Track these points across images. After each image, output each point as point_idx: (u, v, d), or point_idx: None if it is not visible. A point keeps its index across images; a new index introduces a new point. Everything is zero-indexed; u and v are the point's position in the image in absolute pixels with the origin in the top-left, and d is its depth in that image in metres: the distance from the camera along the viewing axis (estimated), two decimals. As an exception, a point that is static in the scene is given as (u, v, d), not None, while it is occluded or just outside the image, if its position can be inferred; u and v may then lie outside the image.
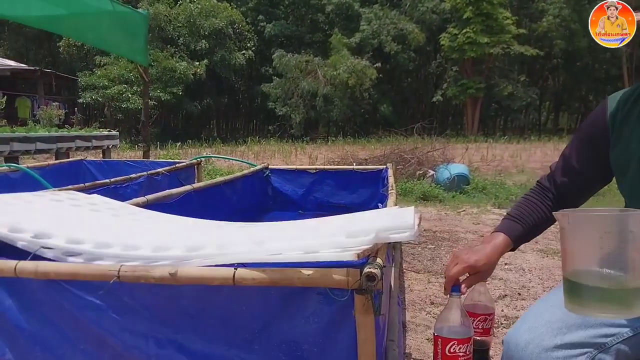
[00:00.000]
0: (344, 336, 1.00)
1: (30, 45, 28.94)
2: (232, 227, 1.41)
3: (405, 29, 26.17)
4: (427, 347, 1.96)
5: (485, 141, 19.15)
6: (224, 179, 3.04)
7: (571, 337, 1.01)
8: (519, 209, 1.30)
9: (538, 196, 1.31)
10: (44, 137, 7.30)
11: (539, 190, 1.33)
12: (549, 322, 1.05)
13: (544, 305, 1.13)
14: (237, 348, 1.01)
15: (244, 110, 33.72)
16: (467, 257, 1.20)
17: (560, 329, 1.02)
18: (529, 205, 1.30)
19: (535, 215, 1.27)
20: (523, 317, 1.14)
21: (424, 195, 6.00)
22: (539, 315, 1.09)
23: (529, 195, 1.34)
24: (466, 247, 1.23)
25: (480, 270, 1.20)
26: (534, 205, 1.30)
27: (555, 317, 1.05)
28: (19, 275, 0.97)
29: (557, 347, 1.01)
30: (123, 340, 1.01)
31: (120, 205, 1.64)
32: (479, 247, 1.25)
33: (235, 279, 0.92)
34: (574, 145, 1.30)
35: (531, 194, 1.34)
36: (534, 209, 1.29)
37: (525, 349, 1.04)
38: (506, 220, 1.29)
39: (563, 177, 1.29)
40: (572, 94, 32.51)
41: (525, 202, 1.32)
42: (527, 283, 2.85)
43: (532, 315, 1.12)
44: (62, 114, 15.61)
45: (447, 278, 1.22)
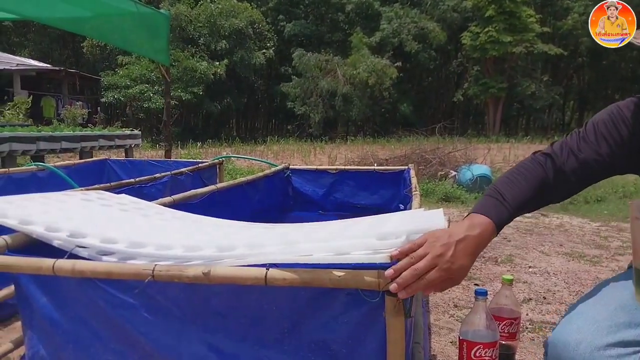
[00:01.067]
0: (373, 337, 1.00)
1: (55, 45, 29.53)
2: (259, 227, 1.42)
3: (426, 28, 25.99)
4: (451, 350, 1.95)
5: (507, 141, 18.91)
6: (246, 179, 3.06)
7: (622, 335, 1.00)
8: (510, 184, 1.10)
9: (534, 172, 1.13)
10: (69, 136, 7.44)
11: (537, 164, 1.15)
12: (597, 321, 1.04)
13: (588, 305, 1.11)
14: (267, 348, 1.01)
15: (263, 109, 33.89)
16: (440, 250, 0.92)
17: (611, 327, 1.01)
18: (521, 182, 1.10)
19: (526, 195, 1.09)
20: (568, 318, 1.12)
21: (446, 196, 5.95)
22: (585, 315, 1.08)
23: (523, 170, 1.14)
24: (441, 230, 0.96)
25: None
26: (528, 181, 1.10)
27: (603, 316, 1.04)
28: (57, 273, 0.99)
29: (610, 346, 1.00)
30: (154, 339, 1.02)
31: (147, 204, 1.67)
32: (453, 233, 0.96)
33: (267, 279, 0.93)
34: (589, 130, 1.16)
35: (525, 168, 1.15)
36: (527, 188, 1.09)
37: (576, 348, 1.03)
38: (491, 199, 1.07)
39: (580, 154, 1.12)
40: (597, 93, 31.88)
41: (518, 176, 1.12)
42: (552, 287, 2.80)
43: (578, 316, 1.10)
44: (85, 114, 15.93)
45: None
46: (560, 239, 3.96)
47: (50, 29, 27.01)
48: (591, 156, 1.13)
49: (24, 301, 1.10)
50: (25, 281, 1.08)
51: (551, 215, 5.06)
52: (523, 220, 4.79)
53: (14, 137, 6.25)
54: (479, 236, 0.98)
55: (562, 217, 4.98)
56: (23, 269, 1.04)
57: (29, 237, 1.13)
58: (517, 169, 1.16)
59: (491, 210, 1.03)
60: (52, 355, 1.10)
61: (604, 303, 1.06)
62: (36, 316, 1.09)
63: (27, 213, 1.19)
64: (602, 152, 1.13)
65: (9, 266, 1.03)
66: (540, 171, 1.13)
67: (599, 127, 1.16)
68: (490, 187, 1.13)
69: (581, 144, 1.15)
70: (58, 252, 1.08)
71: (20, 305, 1.12)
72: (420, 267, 0.89)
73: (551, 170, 1.14)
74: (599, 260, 3.43)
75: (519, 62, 26.69)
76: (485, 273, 3.03)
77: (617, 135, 1.13)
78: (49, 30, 27.47)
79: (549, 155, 1.16)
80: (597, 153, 1.13)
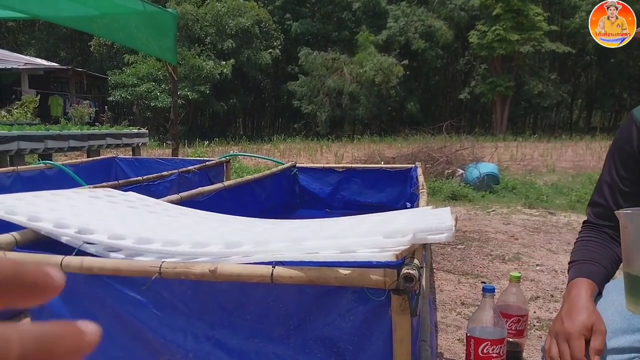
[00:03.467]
0: (379, 335, 1.00)
1: (62, 44, 29.67)
2: (266, 224, 1.43)
3: (433, 26, 25.92)
4: (458, 347, 1.94)
5: (514, 140, 18.83)
6: (254, 177, 3.07)
7: (618, 341, 0.99)
8: (587, 251, 1.13)
9: (597, 233, 1.15)
10: (77, 134, 7.48)
11: (595, 228, 1.18)
12: None
13: None
14: (273, 345, 1.02)
15: (269, 108, 33.92)
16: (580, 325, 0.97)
17: (607, 334, 1.00)
18: (592, 245, 1.13)
19: (606, 252, 1.11)
20: None
21: (453, 194, 5.93)
22: None
23: (587, 236, 1.17)
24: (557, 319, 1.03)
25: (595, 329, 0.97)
26: (598, 243, 1.13)
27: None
28: (65, 270, 0.99)
29: (606, 352, 0.98)
30: (162, 335, 1.03)
31: (155, 202, 1.68)
32: (575, 305, 1.01)
33: (273, 277, 0.93)
34: (613, 167, 1.17)
35: (588, 234, 1.17)
36: (600, 247, 1.12)
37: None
38: (579, 265, 1.10)
39: (615, 204, 1.13)
40: (605, 91, 31.64)
41: (587, 243, 1.15)
42: (560, 285, 2.79)
43: None
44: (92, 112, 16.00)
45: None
46: (567, 237, 3.94)
47: (58, 28, 27.14)
48: (624, 188, 1.14)
49: (33, 297, 1.11)
50: (34, 277, 1.09)
51: (559, 213, 5.03)
52: (530, 218, 4.77)
53: (22, 135, 6.29)
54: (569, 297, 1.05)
55: (570, 215, 4.95)
56: (32, 266, 1.04)
57: (37, 234, 1.14)
58: (579, 241, 1.19)
59: (578, 272, 1.08)
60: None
61: (601, 308, 1.05)
62: (45, 313, 1.10)
63: (35, 210, 1.20)
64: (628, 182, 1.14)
65: (18, 262, 1.04)
66: (598, 232, 1.16)
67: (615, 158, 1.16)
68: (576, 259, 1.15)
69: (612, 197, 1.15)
70: (66, 248, 1.09)
71: (29, 302, 1.13)
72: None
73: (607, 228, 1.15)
74: (607, 259, 3.41)
75: (527, 61, 26.54)
76: (492, 271, 3.02)
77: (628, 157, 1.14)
78: (57, 29, 27.61)
79: (595, 223, 1.18)
80: (625, 185, 1.14)
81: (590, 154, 12.87)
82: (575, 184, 7.09)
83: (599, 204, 1.19)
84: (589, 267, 1.08)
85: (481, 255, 3.39)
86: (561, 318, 1.01)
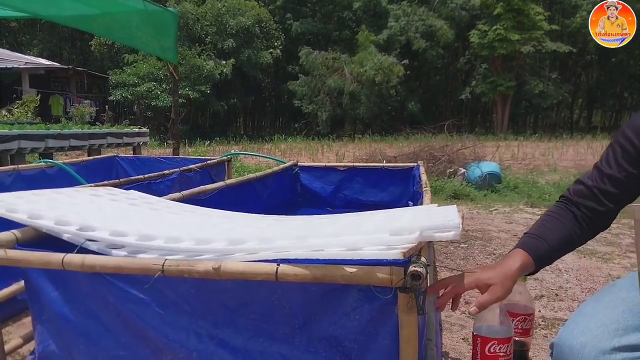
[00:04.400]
0: (385, 334, 0.98)
1: (63, 44, 29.67)
2: (269, 220, 1.41)
3: (434, 26, 25.90)
4: (462, 346, 1.93)
5: (515, 139, 18.81)
6: (255, 175, 3.05)
7: (629, 339, 0.97)
8: (542, 226, 1.16)
9: (564, 212, 1.18)
10: (77, 134, 7.48)
11: (565, 205, 1.19)
12: (603, 323, 1.01)
13: (595, 307, 1.09)
14: (277, 344, 1.00)
15: (270, 107, 33.91)
16: (478, 273, 1.06)
17: (617, 331, 0.99)
18: (553, 222, 1.16)
19: (560, 233, 1.13)
20: (573, 319, 1.10)
21: (455, 193, 5.92)
22: (591, 317, 1.05)
23: (553, 212, 1.20)
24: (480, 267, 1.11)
25: (493, 289, 1.03)
26: (559, 221, 1.16)
27: (610, 319, 1.01)
28: (66, 268, 0.98)
29: (615, 350, 0.97)
30: (164, 334, 1.02)
31: (156, 199, 1.66)
32: (494, 264, 1.12)
33: (278, 275, 0.92)
34: (612, 154, 1.17)
35: (555, 210, 1.20)
36: (559, 226, 1.15)
37: (581, 351, 1.00)
38: (526, 237, 1.15)
39: (601, 186, 1.14)
40: (606, 91, 31.62)
41: (548, 218, 1.18)
42: (564, 284, 2.77)
43: (583, 317, 1.07)
44: (93, 112, 16.00)
45: (448, 291, 1.05)
46: (570, 236, 3.93)
47: (59, 28, 27.15)
48: (615, 174, 1.13)
49: (34, 296, 1.09)
50: (35, 276, 1.07)
51: (561, 213, 5.02)
52: (533, 217, 4.75)
53: (23, 134, 6.28)
54: (503, 259, 1.13)
55: (572, 215, 4.94)
56: (32, 264, 1.03)
57: (38, 232, 1.13)
58: (545, 213, 1.22)
59: (521, 243, 1.14)
60: (62, 350, 1.09)
61: (612, 305, 1.03)
62: (46, 311, 1.09)
63: (36, 208, 1.19)
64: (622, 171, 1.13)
65: (19, 260, 1.03)
66: (567, 210, 1.18)
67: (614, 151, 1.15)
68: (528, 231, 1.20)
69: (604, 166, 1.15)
70: (68, 245, 1.08)
71: (30, 300, 1.11)
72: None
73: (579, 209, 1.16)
74: (610, 257, 3.39)
75: (528, 60, 26.51)
76: (495, 271, 3.01)
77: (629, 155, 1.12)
78: (57, 29, 27.61)
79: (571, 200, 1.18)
80: (619, 172, 1.13)
81: (591, 153, 12.86)
82: (577, 183, 7.06)
83: (582, 182, 1.19)
84: (534, 241, 1.12)
85: (484, 254, 3.38)
86: (482, 268, 1.10)
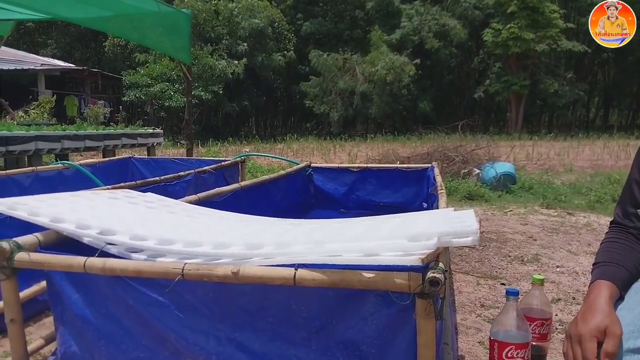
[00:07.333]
0: (402, 339, 0.99)
1: (77, 45, 29.95)
2: (286, 224, 1.42)
3: (447, 25, 25.72)
4: (479, 350, 1.92)
5: (529, 139, 18.61)
6: (269, 177, 3.07)
7: None
8: (610, 252, 1.11)
9: (624, 235, 1.14)
10: (93, 135, 7.57)
11: (621, 229, 1.16)
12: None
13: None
14: (295, 347, 1.01)
15: (281, 108, 33.96)
16: (582, 327, 0.97)
17: (633, 332, 0.97)
18: (618, 247, 1.11)
19: (631, 254, 1.10)
20: None
21: (469, 194, 5.87)
22: None
23: (613, 238, 1.15)
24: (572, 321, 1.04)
25: (609, 331, 0.95)
26: (624, 245, 1.11)
27: (626, 321, 1.00)
28: (88, 271, 1.00)
29: (631, 351, 0.96)
30: (184, 337, 1.03)
31: (174, 202, 1.68)
32: (585, 309, 1.01)
33: (296, 280, 0.92)
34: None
35: (615, 235, 1.15)
36: (627, 249, 1.10)
37: None
38: (601, 267, 1.09)
39: None
40: (622, 89, 31.14)
41: (612, 245, 1.13)
42: (581, 287, 2.74)
43: None
44: (107, 112, 16.18)
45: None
46: (587, 238, 3.87)
47: (73, 29, 27.44)
48: None
49: (56, 298, 1.11)
50: (57, 278, 1.09)
51: (577, 214, 4.95)
52: (549, 219, 4.71)
53: (40, 136, 6.38)
54: (588, 298, 1.04)
55: (589, 215, 4.87)
56: (54, 267, 1.05)
57: (60, 235, 1.15)
58: (604, 242, 1.17)
59: (600, 273, 1.07)
60: (84, 352, 1.11)
61: (628, 307, 1.02)
62: (68, 313, 1.11)
63: (57, 211, 1.21)
64: None
65: (41, 263, 1.05)
66: (625, 233, 1.14)
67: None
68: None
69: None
70: (88, 249, 1.09)
71: (52, 302, 1.13)
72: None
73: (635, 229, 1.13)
74: (627, 260, 3.35)
75: (542, 59, 26.21)
76: (511, 272, 2.98)
77: None
78: (72, 29, 27.91)
79: (622, 224, 1.15)
80: None
81: (608, 152, 12.67)
82: (593, 183, 6.97)
83: (625, 202, 1.16)
84: (611, 269, 1.06)
85: (500, 256, 3.35)
86: (576, 320, 1.00)
